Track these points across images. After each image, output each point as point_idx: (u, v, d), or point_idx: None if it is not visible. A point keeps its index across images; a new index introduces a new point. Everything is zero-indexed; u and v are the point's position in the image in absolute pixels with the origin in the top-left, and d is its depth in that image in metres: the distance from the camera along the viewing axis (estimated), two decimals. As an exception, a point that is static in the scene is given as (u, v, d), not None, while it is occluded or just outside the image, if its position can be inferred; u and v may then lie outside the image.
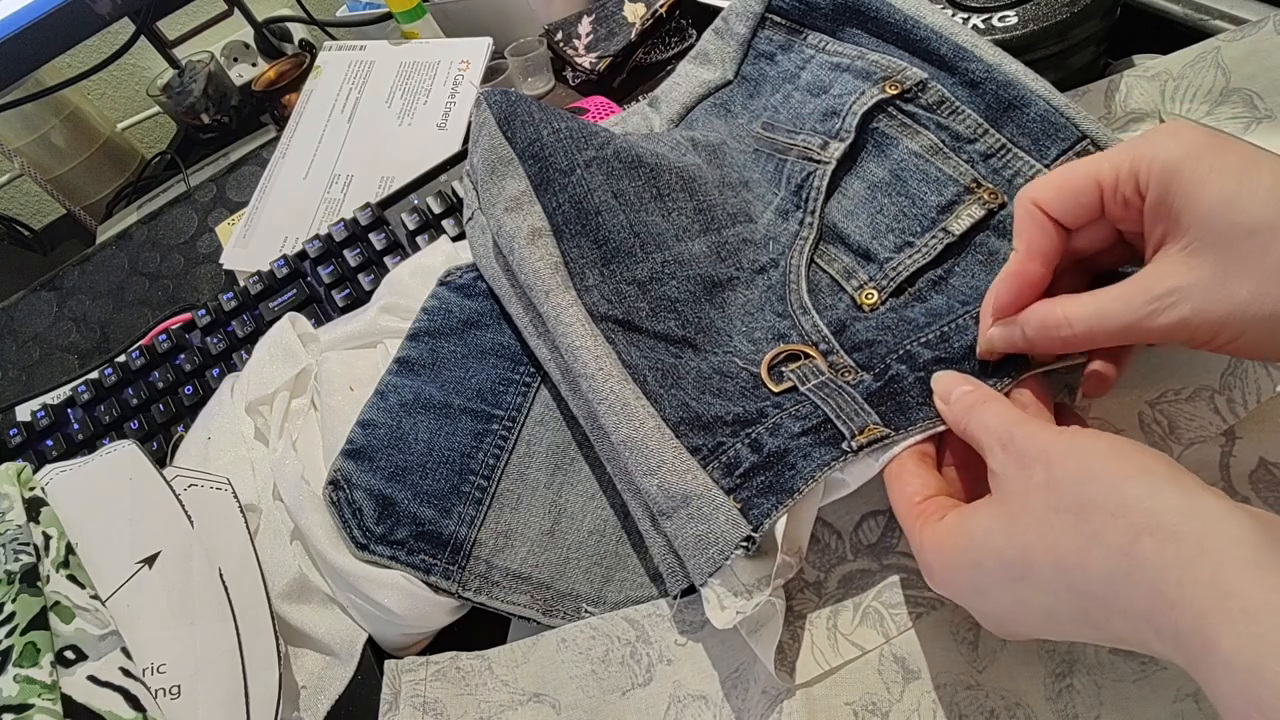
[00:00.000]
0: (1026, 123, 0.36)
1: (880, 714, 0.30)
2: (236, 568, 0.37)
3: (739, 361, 0.37)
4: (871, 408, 0.32)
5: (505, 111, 0.40)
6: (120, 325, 0.70)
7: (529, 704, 0.34)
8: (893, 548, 0.33)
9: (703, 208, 0.41)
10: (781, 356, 0.36)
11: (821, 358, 0.36)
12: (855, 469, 0.31)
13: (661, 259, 0.39)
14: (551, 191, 0.38)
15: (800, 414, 0.33)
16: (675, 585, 0.33)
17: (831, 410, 0.32)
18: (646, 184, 0.40)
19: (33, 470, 0.41)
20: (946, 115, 0.38)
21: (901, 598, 0.31)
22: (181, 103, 0.98)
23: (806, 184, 0.40)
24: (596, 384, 0.34)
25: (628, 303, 0.37)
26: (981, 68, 0.37)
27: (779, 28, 0.46)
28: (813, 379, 0.34)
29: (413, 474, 0.39)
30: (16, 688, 0.32)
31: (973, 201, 0.36)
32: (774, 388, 0.35)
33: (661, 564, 0.34)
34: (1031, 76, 0.36)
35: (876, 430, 0.31)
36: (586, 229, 0.38)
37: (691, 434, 0.33)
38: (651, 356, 0.36)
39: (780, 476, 0.31)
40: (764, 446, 0.32)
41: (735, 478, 0.32)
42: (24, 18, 0.77)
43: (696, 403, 0.35)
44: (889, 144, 0.39)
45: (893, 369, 0.33)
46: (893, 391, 0.32)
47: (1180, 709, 0.27)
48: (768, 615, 0.30)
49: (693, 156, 0.42)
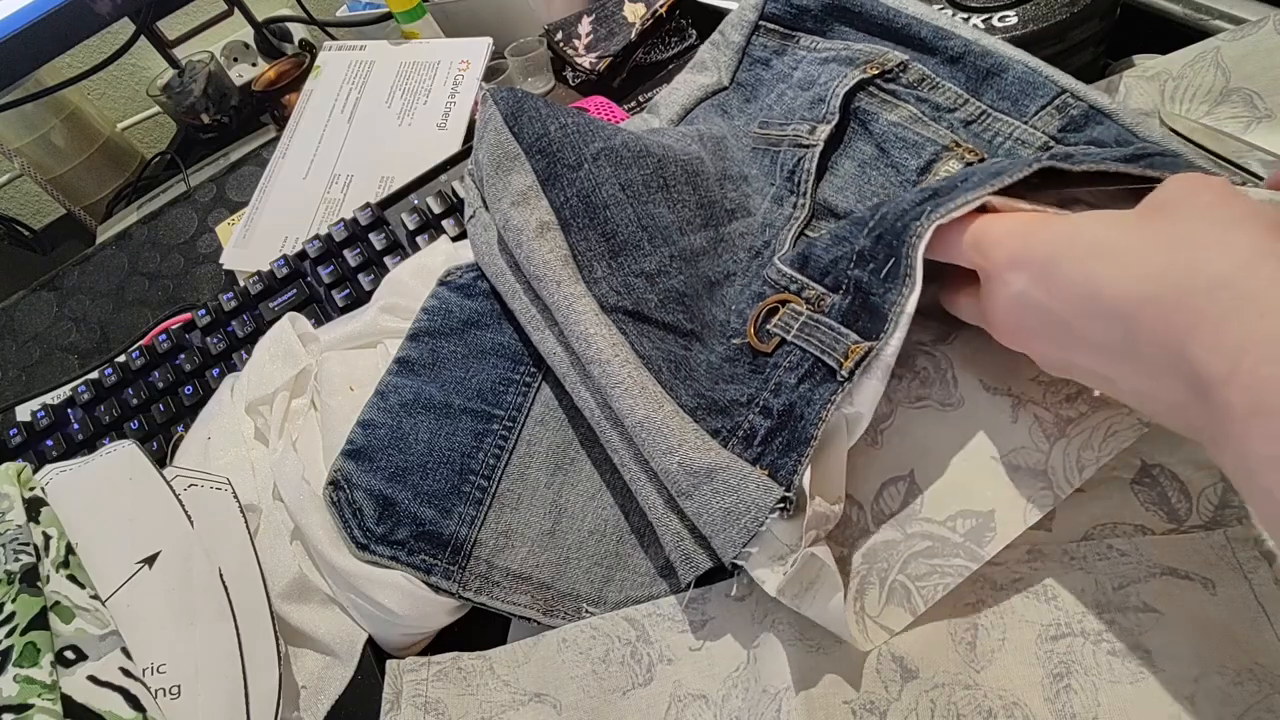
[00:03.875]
0: (1005, 87, 0.37)
1: (879, 713, 0.30)
2: (236, 568, 0.37)
3: (736, 341, 0.37)
4: (848, 327, 0.32)
5: (512, 107, 0.40)
6: (120, 325, 0.70)
7: (530, 704, 0.34)
8: (916, 514, 0.33)
9: (705, 202, 0.41)
10: (763, 314, 0.36)
11: (797, 298, 0.36)
12: (860, 395, 0.31)
13: (669, 252, 0.39)
14: (559, 186, 0.39)
15: (793, 364, 0.33)
16: (689, 572, 0.33)
17: (815, 348, 0.33)
18: (654, 174, 0.40)
19: (33, 470, 0.41)
20: (927, 90, 0.40)
21: (927, 568, 0.31)
22: (181, 103, 0.98)
23: (798, 168, 0.41)
24: (612, 369, 0.34)
25: (636, 294, 0.37)
26: (960, 43, 0.39)
27: (772, 34, 0.48)
28: (795, 323, 0.34)
29: (413, 474, 0.39)
30: (16, 688, 0.32)
31: (951, 158, 0.37)
32: (765, 348, 0.35)
33: (674, 551, 0.34)
34: (1008, 46, 0.38)
35: (859, 349, 0.31)
36: (594, 222, 0.38)
37: (709, 418, 0.34)
38: (663, 348, 0.36)
39: (795, 431, 0.31)
40: (772, 409, 0.33)
41: (756, 447, 0.32)
42: (24, 18, 0.77)
43: (712, 391, 0.35)
44: (871, 119, 0.41)
45: (853, 277, 0.33)
46: (861, 299, 0.32)
47: (1177, 710, 0.27)
48: (814, 572, 0.29)
49: (697, 147, 0.43)
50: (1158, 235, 0.24)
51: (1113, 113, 0.35)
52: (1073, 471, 0.30)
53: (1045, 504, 0.30)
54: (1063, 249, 0.26)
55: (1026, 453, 0.31)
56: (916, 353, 0.36)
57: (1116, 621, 0.29)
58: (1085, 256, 0.25)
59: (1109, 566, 0.30)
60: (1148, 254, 0.24)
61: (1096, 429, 0.30)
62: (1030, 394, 0.32)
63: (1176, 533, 0.30)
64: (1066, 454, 0.31)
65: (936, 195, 0.31)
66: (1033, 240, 0.27)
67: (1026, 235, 0.27)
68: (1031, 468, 0.31)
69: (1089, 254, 0.25)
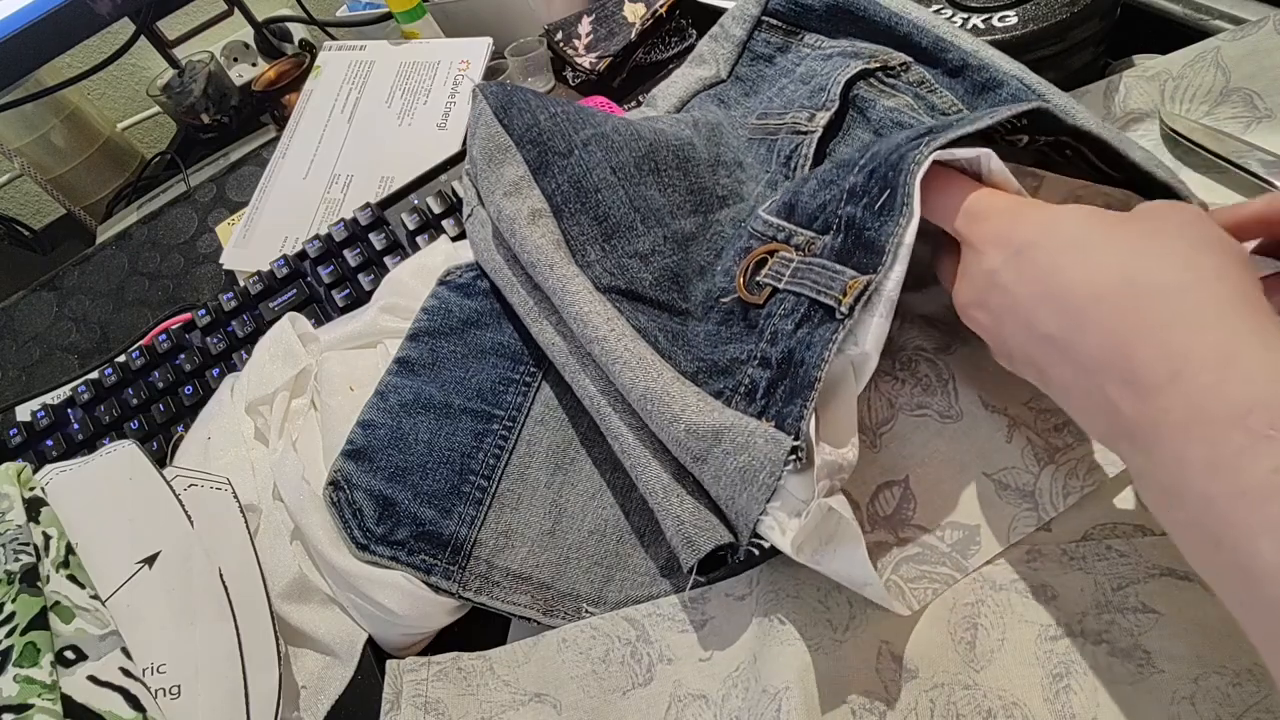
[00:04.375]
0: (999, 102, 0.37)
1: (878, 713, 0.30)
2: (236, 568, 0.37)
3: (726, 301, 0.37)
4: (843, 265, 0.31)
5: (501, 101, 0.40)
6: (120, 325, 0.70)
7: (530, 704, 0.34)
8: (908, 520, 0.33)
9: (695, 187, 0.41)
10: (751, 266, 0.36)
11: (785, 246, 0.35)
12: (864, 333, 0.29)
13: (661, 234, 0.39)
14: (551, 174, 0.39)
15: (787, 310, 0.33)
16: (691, 555, 0.32)
17: (809, 289, 0.32)
18: (645, 157, 0.40)
19: (33, 470, 0.41)
20: (926, 91, 0.40)
21: (917, 572, 0.31)
22: (181, 103, 0.98)
23: (795, 154, 0.41)
24: (610, 345, 0.34)
25: (630, 274, 0.37)
26: (959, 55, 0.39)
27: (776, 30, 0.47)
28: (786, 270, 0.34)
29: (413, 474, 0.39)
30: (16, 688, 0.32)
31: None
32: (758, 300, 0.35)
33: (675, 536, 0.33)
34: (1006, 60, 0.38)
35: (857, 284, 0.29)
36: (586, 206, 0.38)
37: (711, 380, 0.34)
38: (659, 320, 0.36)
39: (797, 377, 0.30)
40: (771, 358, 0.32)
41: (759, 401, 0.32)
42: (24, 18, 0.77)
43: (711, 353, 0.35)
44: (869, 106, 0.41)
45: (844, 214, 0.32)
46: (855, 236, 0.31)
47: (1176, 711, 0.27)
48: (832, 525, 0.28)
49: (690, 132, 0.43)
50: (1128, 239, 0.25)
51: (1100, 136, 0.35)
52: (1058, 497, 0.31)
53: (1029, 525, 0.31)
54: (1041, 236, 0.27)
55: (1017, 473, 0.32)
56: (919, 358, 0.36)
57: (1116, 622, 0.29)
58: (1059, 247, 0.26)
59: (1108, 567, 0.30)
60: (1114, 254, 0.24)
61: (1081, 460, 0.31)
62: (1024, 418, 0.33)
63: (1176, 533, 0.30)
64: (1054, 479, 0.31)
65: (933, 131, 0.30)
66: (1017, 222, 0.28)
67: (1013, 216, 0.28)
68: (1020, 488, 0.32)
69: (1063, 245, 0.26)
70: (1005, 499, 0.32)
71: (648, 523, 0.37)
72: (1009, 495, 0.32)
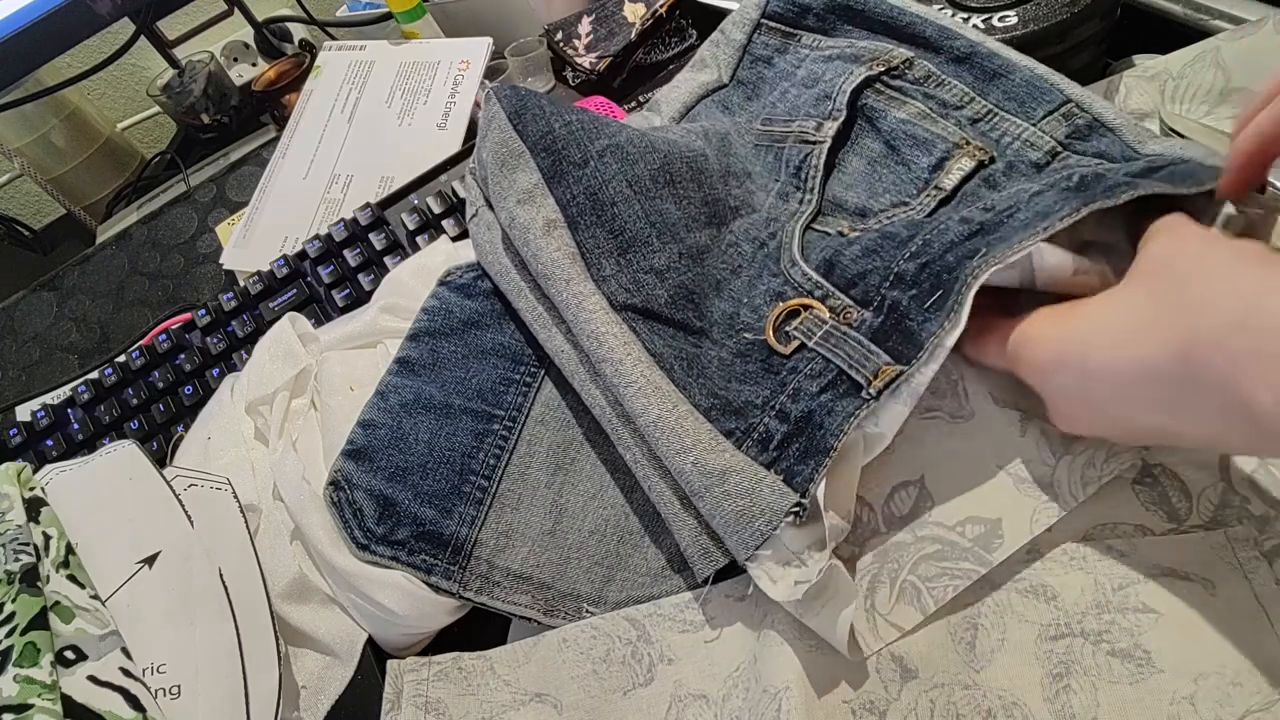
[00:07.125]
0: (1012, 88, 0.37)
1: (878, 713, 0.30)
2: (236, 568, 0.37)
3: (749, 336, 0.37)
4: (879, 346, 0.32)
5: (516, 105, 0.40)
6: (120, 325, 0.70)
7: (531, 704, 0.34)
8: (926, 519, 0.33)
9: (709, 199, 0.41)
10: (783, 315, 0.36)
11: (820, 305, 0.35)
12: (885, 416, 0.31)
13: (677, 249, 0.39)
14: (565, 184, 0.39)
15: (814, 372, 0.33)
16: (707, 566, 0.33)
17: (842, 360, 0.32)
18: (660, 170, 0.40)
19: (33, 470, 0.41)
20: (933, 87, 0.40)
21: (938, 569, 0.31)
22: (181, 103, 0.98)
23: (805, 164, 0.41)
24: (625, 369, 0.34)
25: (646, 291, 0.37)
26: (965, 44, 0.39)
27: (774, 32, 0.47)
28: (818, 330, 0.34)
29: (413, 474, 0.39)
30: (16, 688, 0.32)
31: (962, 155, 0.37)
32: (784, 350, 0.35)
33: (692, 546, 0.34)
34: (1013, 51, 0.38)
35: (890, 371, 0.31)
36: (602, 219, 0.38)
37: (723, 419, 0.34)
38: (675, 346, 0.36)
39: (813, 439, 0.31)
40: (790, 414, 0.33)
41: (771, 451, 0.32)
42: (24, 18, 0.77)
43: (725, 390, 0.35)
44: (879, 116, 0.41)
45: (889, 298, 0.33)
46: (895, 322, 0.32)
47: (1176, 711, 0.27)
48: (827, 581, 0.30)
49: (701, 143, 0.43)
50: (1169, 301, 0.26)
51: (1117, 128, 0.35)
52: (1077, 486, 0.31)
53: (1050, 515, 0.31)
54: (1090, 343, 0.28)
55: (1034, 465, 0.32)
56: None
57: (1116, 621, 0.29)
58: (1112, 345, 0.27)
59: (1109, 566, 0.30)
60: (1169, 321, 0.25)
61: (1099, 449, 0.31)
62: (1037, 410, 0.32)
63: (1177, 533, 0.30)
64: (1071, 469, 0.31)
65: (985, 232, 0.31)
66: (1064, 344, 0.29)
67: (1059, 340, 0.29)
68: (1038, 479, 0.32)
69: (1115, 342, 0.27)
70: (1024, 491, 0.32)
71: (648, 523, 0.37)
72: (1027, 487, 0.32)
